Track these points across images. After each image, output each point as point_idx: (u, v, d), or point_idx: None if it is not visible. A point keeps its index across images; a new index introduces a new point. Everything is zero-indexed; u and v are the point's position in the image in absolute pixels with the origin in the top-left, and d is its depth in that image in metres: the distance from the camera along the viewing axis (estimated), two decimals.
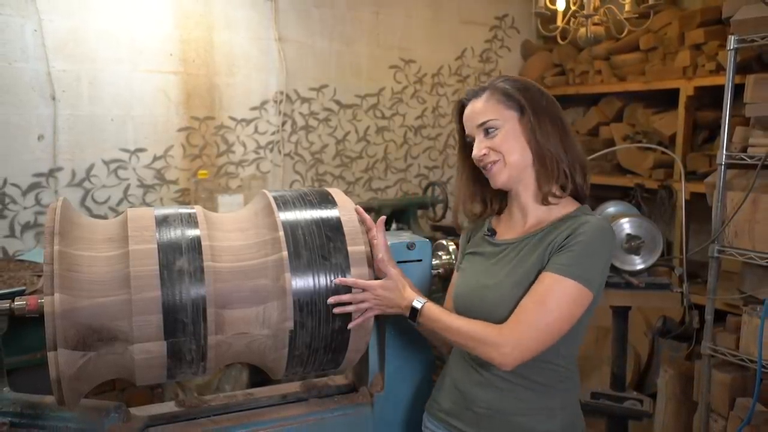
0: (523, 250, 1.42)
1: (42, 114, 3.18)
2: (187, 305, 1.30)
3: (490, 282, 1.43)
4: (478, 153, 1.42)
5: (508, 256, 1.44)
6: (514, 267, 1.41)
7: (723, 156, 2.54)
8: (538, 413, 1.41)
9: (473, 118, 1.44)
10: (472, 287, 1.47)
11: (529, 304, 1.31)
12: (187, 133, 3.62)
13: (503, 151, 1.40)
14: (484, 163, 1.42)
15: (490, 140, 1.41)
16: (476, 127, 1.43)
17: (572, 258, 1.31)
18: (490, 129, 1.41)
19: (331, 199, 1.53)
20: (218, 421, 1.57)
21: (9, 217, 3.14)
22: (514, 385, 1.41)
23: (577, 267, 1.30)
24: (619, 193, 3.93)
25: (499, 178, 1.42)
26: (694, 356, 2.94)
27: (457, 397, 1.49)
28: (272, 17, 3.80)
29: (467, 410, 1.46)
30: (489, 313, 1.38)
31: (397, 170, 4.44)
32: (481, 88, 1.46)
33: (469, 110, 1.46)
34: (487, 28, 4.70)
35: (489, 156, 1.41)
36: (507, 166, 1.40)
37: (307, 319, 1.39)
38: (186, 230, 1.38)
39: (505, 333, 1.30)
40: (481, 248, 1.53)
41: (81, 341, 1.25)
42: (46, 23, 3.13)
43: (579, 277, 1.30)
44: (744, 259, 2.50)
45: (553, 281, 1.31)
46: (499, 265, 1.45)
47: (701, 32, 3.52)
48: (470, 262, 1.54)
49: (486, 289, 1.43)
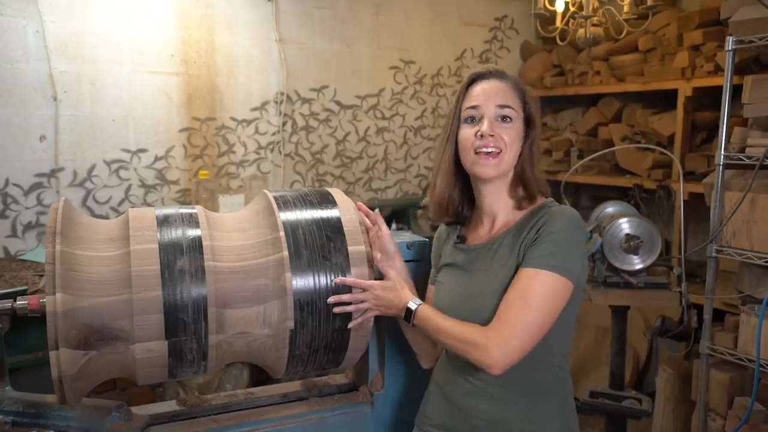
0: (497, 252, 1.40)
1: (44, 115, 3.19)
2: (188, 305, 1.30)
3: (471, 292, 1.41)
4: (489, 129, 1.35)
5: (483, 260, 1.42)
6: (492, 271, 1.38)
7: (721, 156, 2.54)
8: (537, 418, 1.38)
9: (494, 96, 1.38)
10: (455, 301, 1.43)
11: (511, 301, 1.29)
12: (188, 134, 3.63)
13: (507, 144, 1.36)
14: (485, 144, 1.36)
15: (504, 128, 1.37)
16: (495, 106, 1.37)
17: (546, 249, 1.30)
18: (507, 118, 1.38)
19: (332, 199, 1.53)
20: (219, 420, 1.57)
21: (11, 217, 3.16)
22: (508, 392, 1.36)
23: (553, 257, 1.29)
24: (617, 193, 3.95)
25: (492, 170, 1.37)
26: (693, 355, 2.94)
27: (450, 410, 1.44)
28: (273, 18, 3.82)
29: (464, 423, 1.41)
30: (484, 314, 1.35)
31: (396, 171, 4.45)
32: (505, 75, 1.42)
33: (493, 85, 1.39)
34: (486, 29, 4.72)
35: (495, 140, 1.36)
36: (502, 161, 1.37)
37: (307, 319, 1.39)
38: (187, 230, 1.38)
39: (491, 335, 1.27)
40: (453, 258, 1.50)
41: (83, 341, 1.25)
42: (48, 24, 3.14)
43: (556, 268, 1.28)
44: (742, 258, 2.50)
45: (530, 276, 1.29)
46: (475, 271, 1.43)
47: (699, 33, 3.54)
48: (446, 274, 1.51)
49: (468, 300, 1.40)
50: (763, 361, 2.35)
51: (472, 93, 1.40)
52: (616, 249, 2.47)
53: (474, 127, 1.38)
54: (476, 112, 1.38)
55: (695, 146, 3.72)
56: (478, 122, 1.38)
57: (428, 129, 4.53)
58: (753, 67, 3.10)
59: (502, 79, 1.41)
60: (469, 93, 1.41)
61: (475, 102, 1.39)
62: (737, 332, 2.52)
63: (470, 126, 1.39)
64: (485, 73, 1.42)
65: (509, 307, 1.29)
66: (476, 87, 1.41)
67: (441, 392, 1.49)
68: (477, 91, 1.40)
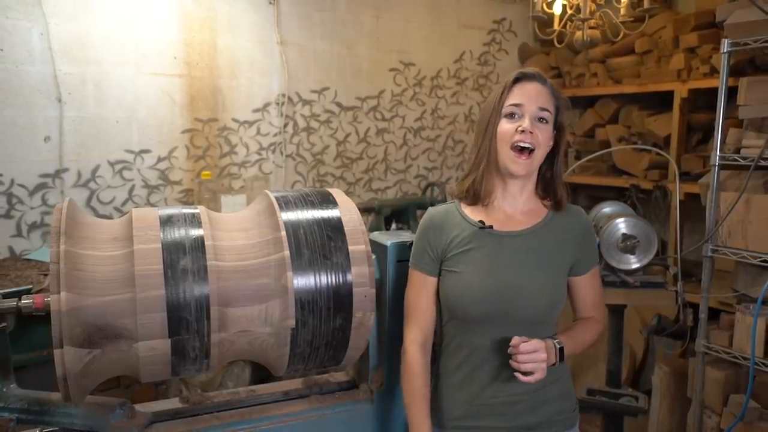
0: (539, 243, 1.51)
1: (48, 116, 3.21)
2: (190, 303, 1.31)
3: (519, 276, 1.47)
4: (530, 126, 1.45)
5: (521, 248, 1.50)
6: (537, 263, 1.50)
7: (716, 157, 2.55)
8: (560, 377, 1.56)
9: (538, 98, 1.48)
10: (502, 285, 1.46)
11: (600, 290, 1.64)
12: (190, 135, 3.66)
13: (541, 143, 1.47)
14: (523, 139, 1.45)
15: (540, 128, 1.47)
16: (537, 107, 1.47)
17: (595, 251, 1.64)
18: (543, 120, 1.48)
19: (332, 199, 1.54)
20: (221, 417, 1.59)
21: (16, 217, 3.17)
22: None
23: (597, 251, 1.75)
24: (614, 193, 3.96)
25: (523, 169, 1.47)
26: (689, 354, 2.94)
27: (497, 408, 1.51)
28: (274, 21, 3.84)
29: (513, 405, 1.51)
30: (526, 308, 1.47)
31: (396, 171, 4.48)
32: (546, 80, 1.52)
33: (537, 88, 1.49)
34: (485, 32, 4.73)
35: (531, 138, 1.45)
36: (534, 160, 1.48)
37: (308, 317, 1.40)
38: (190, 230, 1.38)
39: (603, 321, 1.65)
40: (475, 243, 1.50)
41: (87, 339, 1.25)
42: (53, 27, 3.16)
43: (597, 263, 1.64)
44: (737, 258, 2.52)
45: (597, 272, 1.63)
46: (514, 259, 1.49)
47: (695, 36, 3.55)
48: (470, 260, 1.49)
49: (519, 284, 1.47)
50: (758, 359, 2.37)
51: (516, 91, 1.49)
52: (613, 248, 2.48)
53: (515, 122, 1.47)
54: (518, 110, 1.48)
55: (691, 147, 3.74)
56: (519, 119, 1.47)
57: (427, 130, 4.55)
58: (748, 69, 3.11)
59: (544, 83, 1.51)
60: (512, 91, 1.49)
61: (519, 100, 1.48)
62: (732, 331, 2.53)
63: (510, 121, 1.48)
64: (530, 75, 1.51)
65: (601, 295, 1.65)
66: (521, 86, 1.49)
67: (475, 396, 1.52)
68: (522, 90, 1.49)
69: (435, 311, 1.56)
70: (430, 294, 1.55)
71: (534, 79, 1.50)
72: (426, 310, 1.55)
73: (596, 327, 1.62)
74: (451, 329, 1.56)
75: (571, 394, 1.61)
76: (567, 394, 1.59)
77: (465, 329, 1.52)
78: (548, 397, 1.53)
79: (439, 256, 1.54)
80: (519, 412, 1.50)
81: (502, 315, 1.46)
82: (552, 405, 1.54)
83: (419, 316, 1.55)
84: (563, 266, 1.53)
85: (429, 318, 1.56)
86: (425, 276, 1.55)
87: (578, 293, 1.60)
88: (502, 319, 1.47)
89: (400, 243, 1.67)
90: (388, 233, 1.76)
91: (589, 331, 1.60)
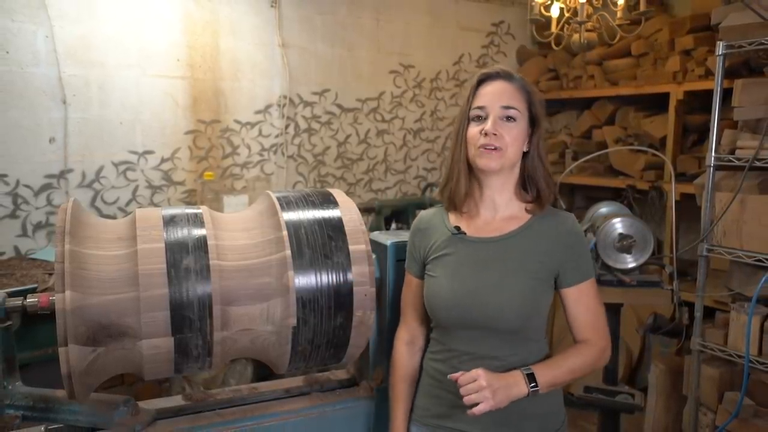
0: (512, 249, 1.45)
1: (53, 117, 3.24)
2: (193, 302, 1.31)
3: (481, 284, 1.42)
4: (492, 128, 1.41)
5: (493, 253, 1.45)
6: (509, 267, 1.43)
7: (712, 158, 2.56)
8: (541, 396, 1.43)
9: (501, 97, 1.44)
10: (459, 293, 1.44)
11: (594, 309, 1.49)
12: (193, 136, 3.69)
13: (508, 143, 1.42)
14: (488, 143, 1.41)
15: (506, 128, 1.42)
16: (500, 107, 1.43)
17: (587, 261, 1.49)
18: (511, 118, 1.43)
19: (333, 199, 1.54)
20: (224, 415, 1.60)
21: (21, 217, 3.20)
22: None
23: (590, 265, 1.50)
24: (611, 193, 3.97)
25: (494, 162, 1.42)
26: (684, 352, 2.92)
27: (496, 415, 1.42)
28: (276, 24, 3.87)
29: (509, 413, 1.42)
30: (495, 315, 1.41)
31: (396, 172, 4.51)
32: (512, 76, 1.47)
33: (500, 86, 1.45)
34: (483, 35, 4.77)
35: (497, 139, 1.41)
36: (503, 157, 1.42)
37: (309, 316, 1.40)
38: (192, 230, 1.39)
39: (602, 345, 1.48)
40: (449, 249, 1.49)
41: (91, 337, 1.25)
42: (57, 30, 3.19)
43: (593, 273, 1.50)
44: (732, 257, 2.52)
45: (591, 285, 1.49)
46: (484, 264, 1.45)
47: (691, 38, 3.57)
48: (442, 266, 1.49)
49: (477, 293, 1.42)
50: (752, 357, 2.37)
51: (480, 93, 1.46)
52: (609, 248, 2.47)
53: (480, 125, 1.44)
54: (482, 112, 1.45)
55: (686, 148, 3.76)
56: (484, 121, 1.43)
57: (427, 131, 4.58)
58: (743, 71, 3.12)
59: (509, 80, 1.47)
60: (477, 93, 1.47)
61: (482, 102, 1.45)
62: (727, 329, 2.53)
63: (477, 124, 1.45)
64: (493, 74, 1.48)
65: (597, 316, 1.50)
66: (484, 88, 1.46)
67: (441, 389, 1.51)
68: (484, 91, 1.46)
69: (424, 311, 1.55)
70: (417, 294, 1.56)
71: (497, 77, 1.46)
72: (414, 309, 1.58)
73: (587, 351, 1.46)
74: (435, 332, 1.56)
75: (554, 413, 1.52)
76: (550, 414, 1.51)
77: (445, 333, 1.51)
78: (528, 413, 1.46)
79: (422, 259, 1.55)
80: (495, 421, 1.45)
81: (474, 321, 1.43)
82: (532, 422, 1.47)
83: (407, 315, 1.59)
84: (541, 272, 1.44)
85: (417, 317, 1.58)
86: (412, 277, 1.58)
87: (569, 310, 1.49)
88: (477, 327, 1.44)
89: (399, 243, 1.68)
90: (388, 233, 1.78)
91: (575, 356, 1.45)
